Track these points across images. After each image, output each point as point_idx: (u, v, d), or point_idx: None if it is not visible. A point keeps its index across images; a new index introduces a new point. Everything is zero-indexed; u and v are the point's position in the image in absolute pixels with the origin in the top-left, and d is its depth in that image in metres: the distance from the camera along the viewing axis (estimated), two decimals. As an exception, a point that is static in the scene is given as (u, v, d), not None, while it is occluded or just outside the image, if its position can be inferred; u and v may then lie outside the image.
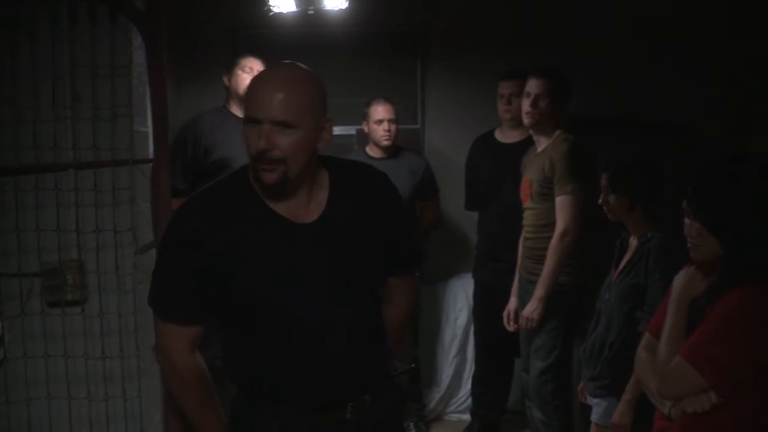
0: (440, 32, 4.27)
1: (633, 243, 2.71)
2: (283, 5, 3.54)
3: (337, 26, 3.97)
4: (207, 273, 1.64)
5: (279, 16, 3.69)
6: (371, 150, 3.86)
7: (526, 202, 3.31)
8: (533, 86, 3.19)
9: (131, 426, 2.43)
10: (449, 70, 4.27)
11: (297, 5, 3.55)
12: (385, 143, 3.79)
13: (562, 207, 3.13)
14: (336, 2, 3.51)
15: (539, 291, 3.15)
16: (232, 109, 3.64)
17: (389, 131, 3.76)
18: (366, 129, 3.84)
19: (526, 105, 3.20)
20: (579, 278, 3.21)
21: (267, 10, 3.58)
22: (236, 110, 3.64)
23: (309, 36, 4.06)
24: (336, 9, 3.55)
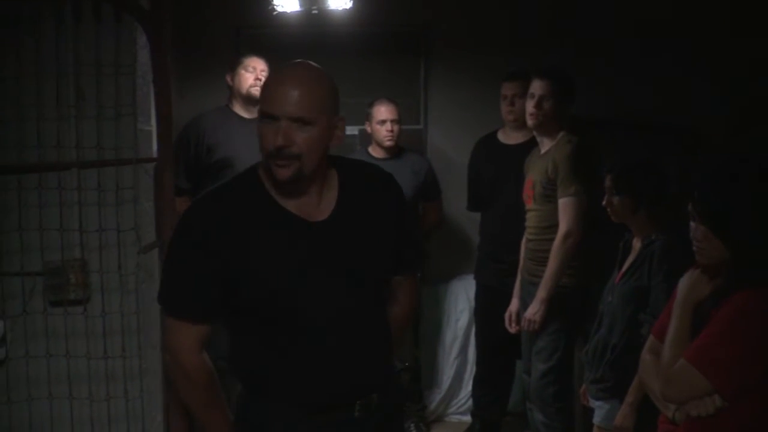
0: (443, 33, 4.26)
1: (636, 245, 2.70)
2: (287, 5, 3.54)
3: (340, 26, 3.96)
4: (218, 271, 1.64)
5: (282, 16, 3.68)
6: (374, 150, 3.85)
7: (529, 204, 3.30)
8: (537, 87, 3.18)
9: (133, 426, 2.43)
10: (452, 71, 4.26)
11: (301, 5, 3.55)
12: (388, 144, 3.78)
13: (565, 209, 3.12)
14: (340, 2, 3.50)
15: (541, 293, 3.14)
16: (235, 109, 3.63)
17: (392, 132, 3.76)
18: (369, 129, 3.83)
19: (530, 106, 3.19)
20: (581, 280, 3.20)
21: (271, 10, 3.57)
22: (239, 110, 3.63)
23: (312, 36, 4.05)
24: (340, 9, 3.54)
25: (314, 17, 3.68)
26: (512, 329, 3.43)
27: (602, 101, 3.94)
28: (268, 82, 1.66)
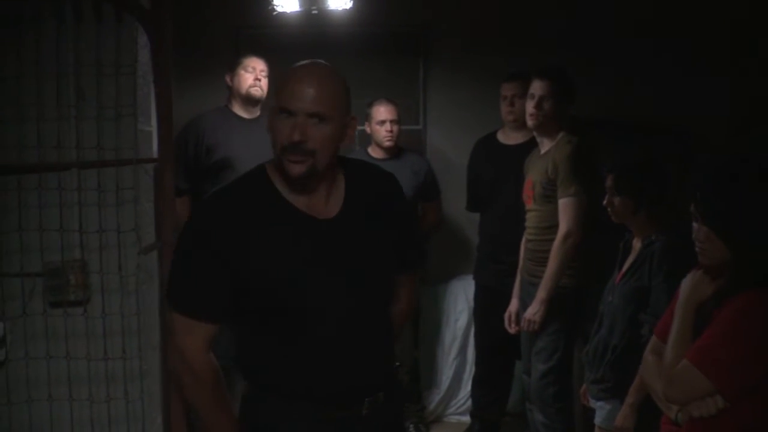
0: (442, 33, 4.26)
1: (636, 245, 2.70)
2: (287, 5, 3.53)
3: (340, 26, 3.95)
4: (229, 269, 1.64)
5: (282, 16, 3.68)
6: (373, 150, 3.85)
7: (529, 204, 3.30)
8: (537, 88, 3.18)
9: (133, 428, 2.42)
10: (451, 71, 4.26)
11: (300, 5, 3.54)
12: (388, 144, 3.78)
13: (565, 209, 3.12)
14: (340, 2, 3.49)
15: (541, 293, 3.14)
16: (234, 109, 3.63)
17: (391, 132, 3.76)
18: (368, 129, 3.83)
19: (530, 107, 3.19)
20: (581, 281, 3.20)
21: (271, 10, 3.56)
22: (238, 110, 3.63)
23: (311, 36, 4.04)
24: (340, 9, 3.53)
25: (314, 17, 3.67)
26: (512, 329, 3.43)
27: (602, 101, 3.94)
28: (286, 79, 1.68)
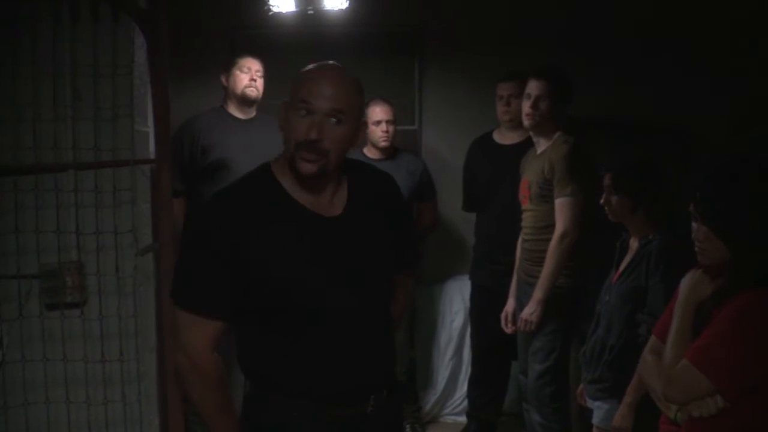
0: (438, 33, 4.25)
1: (633, 245, 2.70)
2: (283, 5, 3.52)
3: (335, 26, 3.95)
4: (235, 266, 1.64)
5: (277, 16, 3.67)
6: (369, 151, 3.84)
7: (525, 204, 3.30)
8: (534, 88, 3.18)
9: (131, 430, 2.41)
10: (447, 71, 4.26)
11: (296, 5, 3.53)
12: (383, 144, 3.77)
13: (562, 209, 3.12)
14: (336, 2, 3.49)
15: (538, 293, 3.14)
16: (230, 110, 3.62)
17: (387, 132, 3.75)
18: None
19: (527, 106, 3.19)
20: (578, 280, 3.20)
21: (267, 10, 3.55)
22: (234, 110, 3.62)
23: (307, 36, 4.04)
24: (336, 9, 3.53)
25: (309, 17, 3.66)
26: (508, 329, 3.43)
27: (602, 101, 3.95)
28: (305, 77, 1.69)
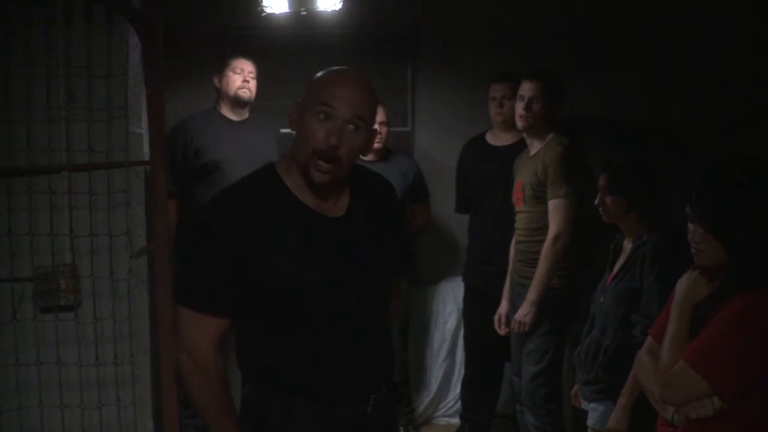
0: (431, 34, 4.25)
1: (627, 246, 2.71)
2: (276, 6, 3.51)
3: (328, 28, 3.94)
4: (240, 264, 1.64)
5: (270, 17, 3.65)
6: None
7: (519, 206, 3.30)
8: (527, 89, 3.18)
9: (125, 434, 2.39)
10: (440, 73, 4.25)
11: (289, 6, 3.52)
12: (376, 146, 3.76)
13: (555, 210, 3.12)
14: (329, 3, 3.48)
15: (532, 295, 3.15)
16: (223, 111, 3.61)
17: (380, 134, 3.74)
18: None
19: (520, 108, 3.19)
20: (571, 282, 3.21)
21: (260, 11, 3.54)
22: (227, 112, 3.60)
23: (300, 37, 4.03)
24: (329, 10, 3.52)
25: (302, 18, 3.65)
26: (502, 331, 3.43)
27: (598, 102, 3.97)
28: (324, 81, 1.68)
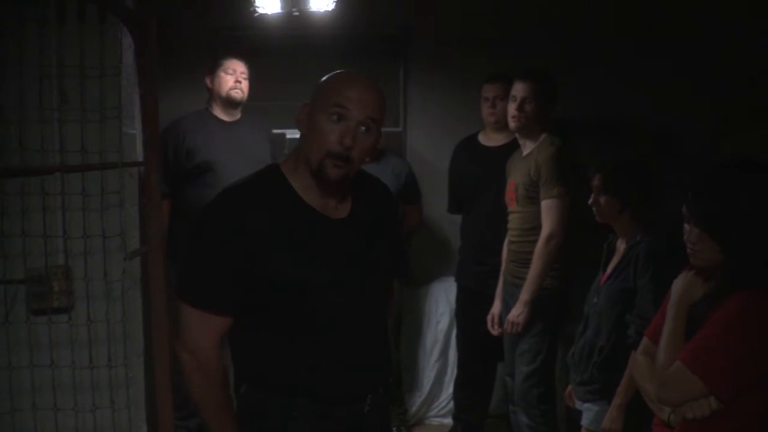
0: (423, 34, 4.24)
1: (620, 246, 2.71)
2: (268, 6, 3.50)
3: (320, 28, 3.93)
4: (245, 262, 1.63)
5: (263, 17, 3.64)
6: (354, 153, 3.82)
7: (512, 206, 3.30)
8: (519, 90, 3.18)
9: (119, 437, 2.38)
10: (432, 73, 4.24)
11: (282, 6, 3.51)
12: (369, 146, 3.76)
13: (548, 211, 3.12)
14: (322, 3, 3.47)
15: (525, 295, 3.15)
16: (215, 112, 3.59)
17: (373, 135, 3.74)
18: (349, 132, 3.80)
19: (512, 109, 3.19)
20: (564, 282, 3.22)
21: (252, 12, 3.53)
22: (219, 112, 3.59)
23: (291, 38, 4.02)
24: (322, 10, 3.51)
25: (295, 19, 3.64)
26: (495, 331, 3.43)
27: (594, 102, 3.97)
28: (341, 82, 1.69)
